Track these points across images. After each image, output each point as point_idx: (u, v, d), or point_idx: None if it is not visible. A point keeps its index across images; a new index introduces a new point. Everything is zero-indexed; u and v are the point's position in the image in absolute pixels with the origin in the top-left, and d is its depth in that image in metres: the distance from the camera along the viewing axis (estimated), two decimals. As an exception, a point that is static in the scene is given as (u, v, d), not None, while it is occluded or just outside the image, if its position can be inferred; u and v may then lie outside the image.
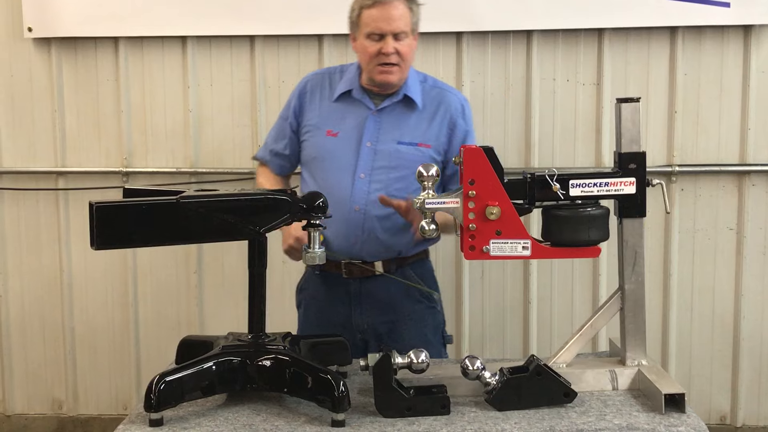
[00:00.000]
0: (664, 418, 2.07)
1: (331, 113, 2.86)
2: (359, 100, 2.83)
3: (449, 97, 2.88)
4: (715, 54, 3.74)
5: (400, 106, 2.82)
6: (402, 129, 2.80)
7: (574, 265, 3.88)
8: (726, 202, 3.82)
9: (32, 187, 4.02)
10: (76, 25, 3.84)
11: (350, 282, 2.87)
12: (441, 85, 2.93)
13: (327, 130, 2.83)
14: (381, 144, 2.79)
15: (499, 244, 2.21)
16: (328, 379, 2.05)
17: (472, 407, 2.17)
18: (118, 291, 4.07)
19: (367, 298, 2.88)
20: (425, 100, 2.84)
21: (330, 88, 2.89)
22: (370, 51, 2.71)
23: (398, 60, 2.71)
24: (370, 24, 2.69)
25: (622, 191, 2.23)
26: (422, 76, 2.91)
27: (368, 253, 2.82)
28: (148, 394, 2.03)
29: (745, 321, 3.87)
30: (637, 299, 2.29)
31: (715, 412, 3.94)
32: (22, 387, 4.18)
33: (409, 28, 2.72)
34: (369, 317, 2.89)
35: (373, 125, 2.80)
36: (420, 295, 2.94)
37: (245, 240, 2.23)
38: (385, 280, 2.84)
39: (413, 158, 2.73)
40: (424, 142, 2.80)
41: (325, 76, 2.95)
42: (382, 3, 2.67)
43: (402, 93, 2.80)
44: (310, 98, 2.91)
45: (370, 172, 2.78)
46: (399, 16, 2.68)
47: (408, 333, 2.88)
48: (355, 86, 2.84)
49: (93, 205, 2.01)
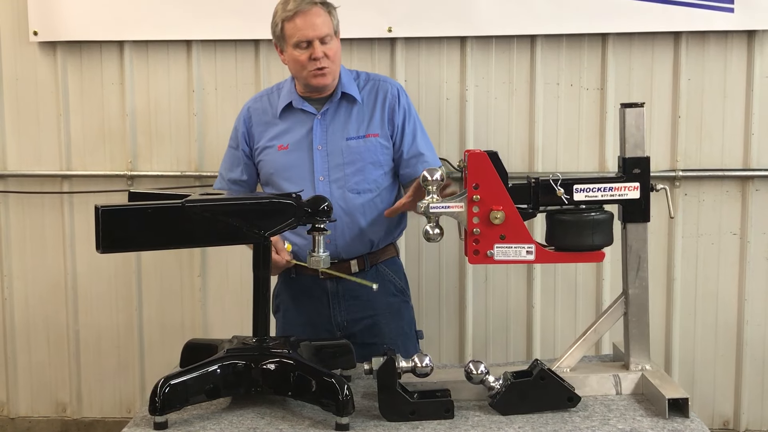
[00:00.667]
0: (668, 422, 2.07)
1: (278, 129, 2.96)
2: (301, 109, 2.93)
3: (384, 85, 2.99)
4: (719, 59, 3.74)
5: (341, 105, 2.94)
6: (347, 125, 2.92)
7: (577, 270, 3.88)
8: (729, 206, 3.82)
9: (37, 191, 4.03)
10: (81, 28, 3.85)
11: (327, 282, 2.95)
12: (374, 77, 3.03)
13: (278, 145, 2.94)
14: (331, 144, 2.90)
15: (503, 248, 2.22)
16: (333, 383, 2.06)
17: (476, 411, 2.17)
18: (122, 294, 4.07)
19: (345, 296, 2.97)
20: (362, 94, 2.96)
21: (271, 107, 3.00)
22: (301, 59, 2.81)
23: (328, 63, 2.82)
24: (295, 34, 2.80)
25: (626, 196, 2.24)
26: (354, 72, 3.03)
27: (344, 250, 2.91)
28: (152, 398, 2.04)
29: (749, 326, 3.87)
30: (640, 304, 2.29)
31: (718, 416, 3.94)
32: (26, 390, 4.19)
33: (331, 31, 2.84)
34: (348, 314, 2.97)
35: (320, 129, 2.92)
36: (395, 289, 3.04)
37: (250, 244, 2.24)
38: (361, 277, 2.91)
39: (363, 149, 2.90)
40: (371, 132, 2.92)
41: (264, 98, 3.06)
42: (302, 12, 2.79)
43: (339, 92, 2.92)
44: (255, 122, 3.02)
45: (327, 173, 2.89)
46: (321, 21, 2.80)
47: (387, 327, 2.99)
48: (294, 97, 2.94)
49: (99, 208, 2.02)
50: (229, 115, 3.86)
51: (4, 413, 4.20)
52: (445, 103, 3.80)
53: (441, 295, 3.93)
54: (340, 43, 2.91)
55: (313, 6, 2.80)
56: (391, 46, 3.79)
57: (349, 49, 3.78)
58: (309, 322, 2.97)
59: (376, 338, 2.94)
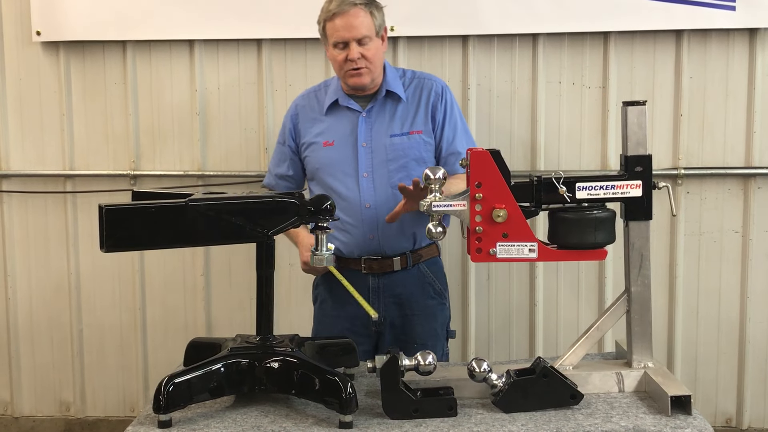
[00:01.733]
0: (671, 420, 2.08)
1: (325, 126, 3.01)
2: (347, 106, 2.98)
3: (428, 83, 3.03)
4: (721, 57, 3.75)
5: (385, 102, 2.97)
6: (392, 123, 2.96)
7: (579, 268, 3.88)
8: (732, 204, 3.82)
9: (41, 190, 4.04)
10: (84, 28, 3.85)
11: (369, 277, 2.99)
12: (419, 75, 3.07)
13: (323, 141, 2.99)
14: (375, 141, 2.95)
15: (505, 246, 2.22)
16: (336, 381, 2.06)
17: (479, 409, 2.18)
18: (125, 293, 4.08)
19: (385, 293, 3.00)
20: (407, 92, 2.99)
21: (318, 104, 3.06)
22: (339, 59, 2.87)
23: (365, 63, 2.86)
24: (333, 34, 2.86)
25: (629, 194, 2.24)
26: (400, 70, 3.08)
27: (388, 246, 2.96)
28: (156, 396, 2.05)
29: (751, 323, 3.87)
30: (643, 302, 2.30)
31: (721, 414, 3.94)
32: (29, 389, 4.20)
33: (372, 32, 2.87)
34: (385, 311, 3.00)
35: (365, 126, 2.96)
36: (433, 291, 3.08)
37: (253, 243, 2.24)
38: (403, 275, 2.99)
39: (407, 146, 2.94)
40: (414, 129, 2.95)
41: (311, 95, 3.12)
42: (341, 13, 2.83)
43: (384, 90, 2.95)
44: (302, 119, 3.07)
45: (371, 169, 2.94)
46: (359, 23, 2.83)
47: (420, 327, 3.03)
48: (340, 95, 3.00)
49: (103, 208, 2.02)
50: (232, 115, 3.90)
51: (8, 413, 4.21)
52: (448, 101, 3.81)
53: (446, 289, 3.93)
54: (384, 43, 2.95)
55: (353, 7, 2.83)
56: (393, 45, 3.79)
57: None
58: (345, 315, 3.01)
59: (406, 336, 3.00)
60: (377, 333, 3.03)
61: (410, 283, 3.02)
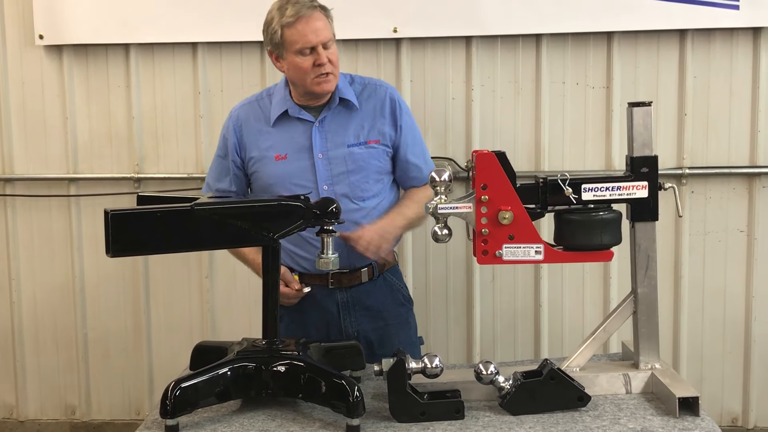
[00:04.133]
0: (678, 421, 2.07)
1: (273, 138, 2.85)
2: (298, 117, 2.83)
3: (380, 90, 2.90)
4: (725, 56, 3.74)
5: (339, 110, 2.84)
6: (347, 132, 2.83)
7: (584, 269, 3.88)
8: (736, 204, 3.82)
9: (44, 194, 4.03)
10: (87, 32, 3.86)
11: (336, 292, 2.90)
12: (368, 81, 2.94)
13: (275, 155, 2.83)
14: (332, 151, 2.81)
15: (512, 248, 2.22)
16: (343, 385, 2.06)
17: (487, 412, 2.17)
18: (130, 296, 4.08)
19: (356, 307, 2.92)
20: (360, 99, 2.86)
21: (264, 115, 2.89)
22: (305, 66, 2.71)
23: (332, 68, 2.73)
24: (298, 40, 2.70)
25: (635, 195, 2.24)
26: (348, 77, 2.93)
27: (356, 258, 2.82)
28: (163, 401, 2.04)
29: (757, 323, 3.87)
30: (649, 303, 2.29)
31: (727, 413, 3.94)
32: (35, 392, 4.20)
33: (331, 35, 2.75)
34: (359, 324, 2.92)
35: (319, 136, 2.82)
36: (402, 298, 3.02)
37: (259, 246, 2.24)
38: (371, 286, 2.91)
39: (367, 156, 2.82)
40: (371, 138, 2.84)
41: (253, 104, 2.94)
42: (303, 17, 2.69)
43: (337, 98, 2.82)
44: (246, 131, 2.89)
45: (331, 181, 2.81)
46: (323, 26, 2.71)
47: (397, 337, 2.95)
48: (290, 105, 2.84)
49: (108, 213, 2.02)
50: (236, 117, 3.88)
51: (13, 416, 4.21)
52: (451, 103, 3.80)
53: (448, 295, 3.93)
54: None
55: (314, 11, 2.71)
56: (396, 47, 3.79)
57: (355, 50, 3.78)
58: (315, 333, 2.88)
59: (385, 348, 2.87)
60: None
61: (380, 292, 2.94)
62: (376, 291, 2.94)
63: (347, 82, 2.88)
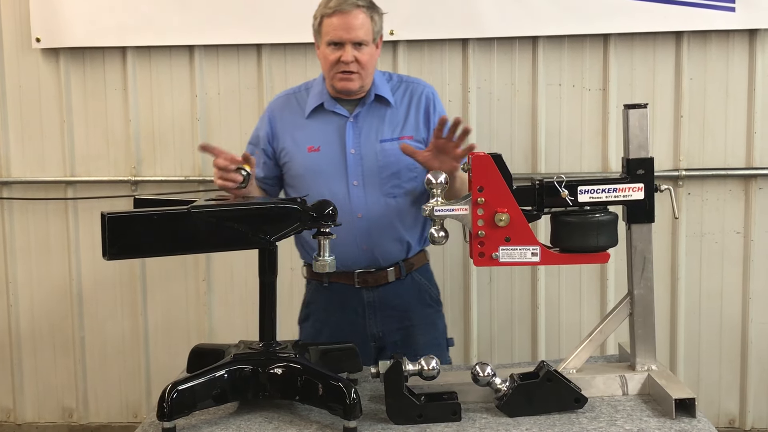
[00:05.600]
0: (675, 423, 2.07)
1: (307, 130, 2.84)
2: (332, 111, 2.83)
3: (417, 88, 2.89)
4: (721, 58, 3.75)
5: (373, 107, 2.83)
6: (381, 128, 2.81)
7: (581, 270, 3.88)
8: (733, 205, 3.83)
9: (41, 197, 4.04)
10: (84, 35, 3.87)
11: (363, 291, 2.87)
12: (407, 79, 2.94)
13: (307, 146, 2.82)
14: (364, 147, 2.80)
15: (508, 250, 2.22)
16: (340, 387, 2.06)
17: (483, 413, 2.17)
18: (127, 299, 4.08)
19: (381, 306, 2.89)
20: (395, 96, 2.85)
21: (299, 106, 2.89)
22: (330, 59, 2.71)
23: (358, 68, 2.71)
24: (330, 32, 2.70)
25: (631, 197, 2.24)
26: (387, 74, 2.92)
27: (382, 257, 2.83)
28: (161, 403, 2.04)
29: (753, 324, 3.87)
30: (646, 304, 2.29)
31: (724, 415, 3.95)
32: (32, 396, 4.21)
33: (369, 38, 2.72)
34: (384, 325, 2.90)
35: (353, 131, 2.81)
36: (430, 299, 2.98)
37: (255, 249, 2.24)
38: (398, 286, 2.87)
39: (398, 152, 2.75)
40: (405, 134, 2.81)
41: (290, 97, 2.94)
42: (342, 12, 2.67)
43: (372, 94, 2.81)
44: (280, 123, 2.89)
45: (361, 177, 2.79)
46: (359, 25, 2.68)
47: (422, 338, 2.91)
48: (325, 98, 2.83)
49: (105, 216, 2.01)
50: (233, 120, 3.90)
51: (10, 419, 4.21)
52: (448, 105, 3.80)
53: (446, 297, 3.91)
54: (378, 50, 2.81)
55: (355, 8, 2.68)
56: (393, 49, 3.80)
57: (351, 53, 3.79)
58: (341, 333, 2.85)
59: (409, 349, 2.83)
60: (377, 349, 2.90)
61: (406, 293, 2.90)
62: (402, 291, 2.90)
63: (384, 80, 2.88)
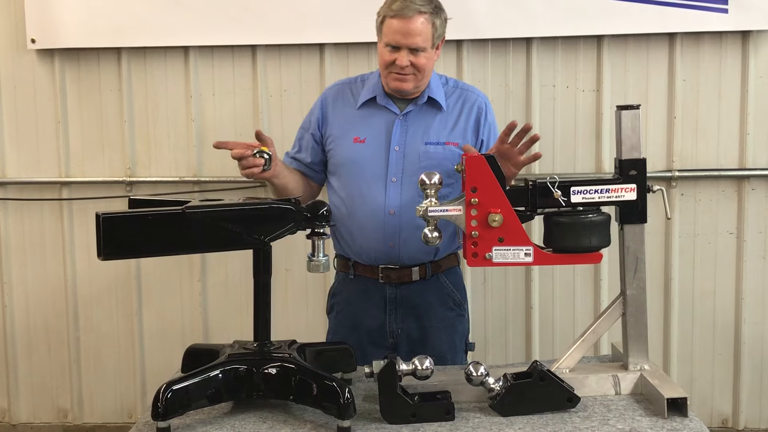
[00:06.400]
0: (667, 422, 2.09)
1: (356, 121, 2.85)
2: (384, 105, 2.83)
3: (471, 96, 2.89)
4: (714, 60, 3.77)
5: (424, 108, 2.83)
6: (428, 130, 2.81)
7: (575, 271, 3.89)
8: (726, 206, 3.84)
9: (36, 198, 4.04)
10: (79, 36, 3.86)
11: (386, 287, 2.87)
12: (462, 86, 2.94)
13: (354, 137, 2.83)
14: (409, 147, 2.79)
15: (501, 251, 2.23)
16: (334, 387, 2.06)
17: (477, 413, 2.18)
18: (122, 299, 4.08)
19: (402, 304, 2.88)
20: (448, 101, 2.85)
21: (352, 97, 2.90)
22: (386, 59, 2.72)
23: (413, 71, 2.71)
24: (389, 35, 2.70)
25: (623, 198, 2.25)
26: (444, 78, 2.92)
27: (407, 256, 2.83)
28: (155, 403, 2.05)
29: (746, 324, 3.89)
30: (638, 305, 2.31)
31: (717, 415, 3.96)
32: (27, 396, 4.20)
33: (428, 44, 2.71)
34: (403, 323, 2.90)
35: (400, 129, 2.81)
36: (452, 302, 2.97)
37: (250, 249, 2.25)
38: (421, 286, 2.87)
39: (442, 157, 2.77)
40: (451, 140, 2.81)
41: (345, 85, 2.96)
42: (402, 16, 2.66)
43: (426, 96, 2.81)
44: (332, 108, 2.91)
45: (401, 175, 2.78)
46: (418, 31, 2.67)
47: (438, 339, 2.91)
48: (378, 93, 2.84)
49: (100, 216, 2.02)
50: (227, 120, 3.90)
51: (5, 420, 4.21)
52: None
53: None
54: (437, 51, 2.79)
55: (416, 14, 2.66)
56: (387, 50, 3.80)
57: (345, 54, 3.80)
58: (360, 326, 2.89)
59: (425, 349, 2.81)
60: (394, 345, 2.90)
61: (429, 293, 2.89)
62: (425, 291, 2.89)
63: (440, 83, 2.88)
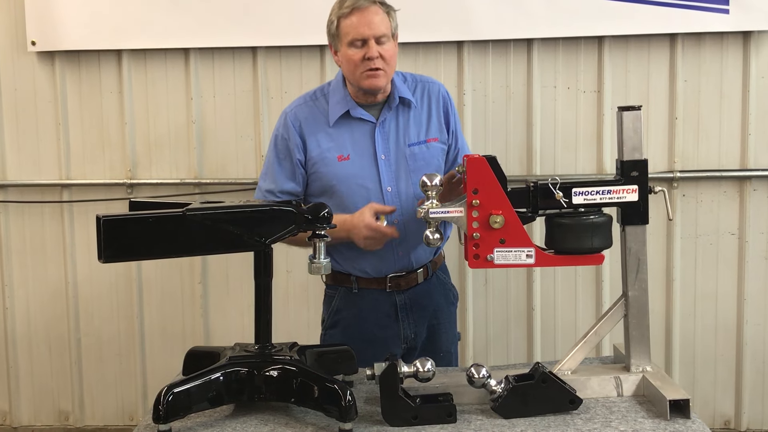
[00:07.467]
0: (669, 424, 2.08)
1: (334, 138, 2.78)
2: (359, 117, 2.78)
3: (434, 87, 2.87)
4: (715, 60, 3.76)
5: (398, 111, 2.80)
6: (407, 131, 2.79)
7: (577, 272, 3.89)
8: (727, 207, 3.83)
9: (37, 200, 4.04)
10: (79, 38, 3.87)
11: (395, 294, 2.85)
12: (420, 78, 2.91)
13: (337, 155, 2.76)
14: (394, 152, 2.78)
15: (503, 252, 2.22)
16: (335, 389, 2.06)
17: (478, 415, 2.18)
18: (123, 302, 4.08)
19: (413, 308, 2.87)
20: (415, 97, 2.83)
21: (321, 114, 2.81)
22: (355, 58, 2.66)
23: (383, 64, 2.66)
24: (350, 32, 2.65)
25: (625, 199, 2.24)
26: (401, 75, 2.87)
27: (416, 259, 2.83)
28: (156, 406, 2.04)
29: (748, 325, 3.88)
30: (640, 306, 2.30)
31: (719, 416, 3.95)
32: (28, 398, 4.20)
33: (389, 32, 2.68)
34: (416, 326, 2.89)
35: (381, 137, 2.77)
36: (453, 296, 3.02)
37: (251, 251, 2.24)
38: (426, 286, 2.88)
39: (428, 156, 2.78)
40: (430, 136, 2.81)
41: (309, 104, 2.84)
42: (360, 9, 2.64)
43: (396, 97, 2.78)
44: (308, 131, 2.80)
45: (395, 183, 2.76)
46: (379, 20, 2.65)
47: (444, 335, 2.95)
48: (350, 105, 2.78)
49: (100, 218, 2.01)
50: (228, 122, 3.90)
51: (6, 422, 4.21)
52: (443, 107, 3.82)
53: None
54: (397, 46, 2.74)
55: (372, 4, 2.65)
56: (388, 52, 3.80)
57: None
58: (372, 338, 2.82)
59: (433, 347, 2.88)
60: (408, 350, 2.88)
61: (434, 292, 2.91)
62: (432, 291, 2.91)
63: (402, 81, 2.84)
